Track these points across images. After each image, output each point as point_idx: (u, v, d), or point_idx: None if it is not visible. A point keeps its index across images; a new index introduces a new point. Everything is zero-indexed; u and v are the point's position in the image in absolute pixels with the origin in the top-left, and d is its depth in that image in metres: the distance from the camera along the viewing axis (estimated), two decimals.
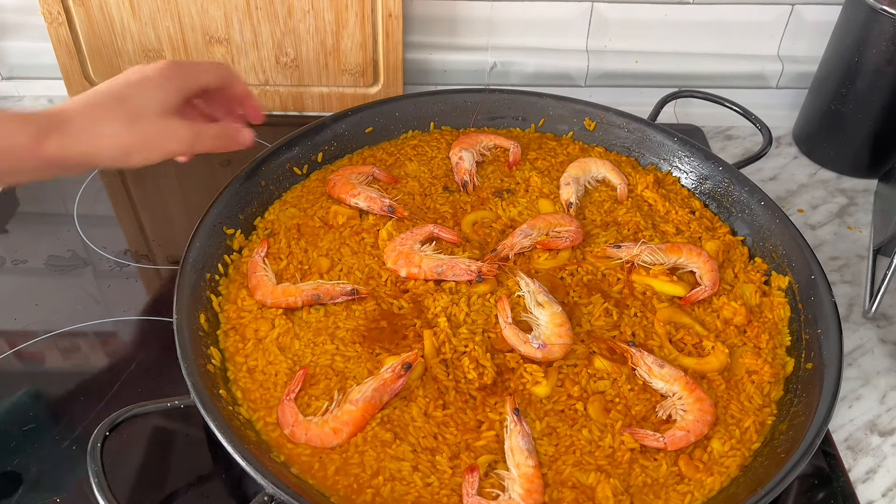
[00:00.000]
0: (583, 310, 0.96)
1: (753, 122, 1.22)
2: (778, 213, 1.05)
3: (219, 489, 0.85)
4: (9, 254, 1.12)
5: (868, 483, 0.90)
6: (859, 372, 1.02)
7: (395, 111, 1.22)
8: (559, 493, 0.79)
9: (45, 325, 1.02)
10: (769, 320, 0.97)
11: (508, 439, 0.82)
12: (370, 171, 1.13)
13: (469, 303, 0.95)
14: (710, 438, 0.85)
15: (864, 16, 1.18)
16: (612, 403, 0.87)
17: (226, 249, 1.01)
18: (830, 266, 1.16)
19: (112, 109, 0.82)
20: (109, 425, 0.78)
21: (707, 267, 1.00)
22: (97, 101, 0.82)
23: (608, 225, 1.09)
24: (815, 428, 0.80)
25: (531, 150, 1.20)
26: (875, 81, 1.21)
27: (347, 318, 0.94)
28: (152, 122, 0.84)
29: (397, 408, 0.85)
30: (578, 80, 1.45)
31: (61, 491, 0.84)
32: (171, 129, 0.86)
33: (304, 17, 1.29)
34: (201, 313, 0.92)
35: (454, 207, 1.10)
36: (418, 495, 0.79)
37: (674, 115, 1.45)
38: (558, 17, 1.41)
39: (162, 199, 1.23)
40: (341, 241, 1.04)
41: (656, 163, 1.19)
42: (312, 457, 0.81)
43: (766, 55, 1.46)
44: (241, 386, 0.88)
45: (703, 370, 0.91)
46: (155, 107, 0.85)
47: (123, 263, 1.11)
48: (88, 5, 1.26)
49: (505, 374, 0.89)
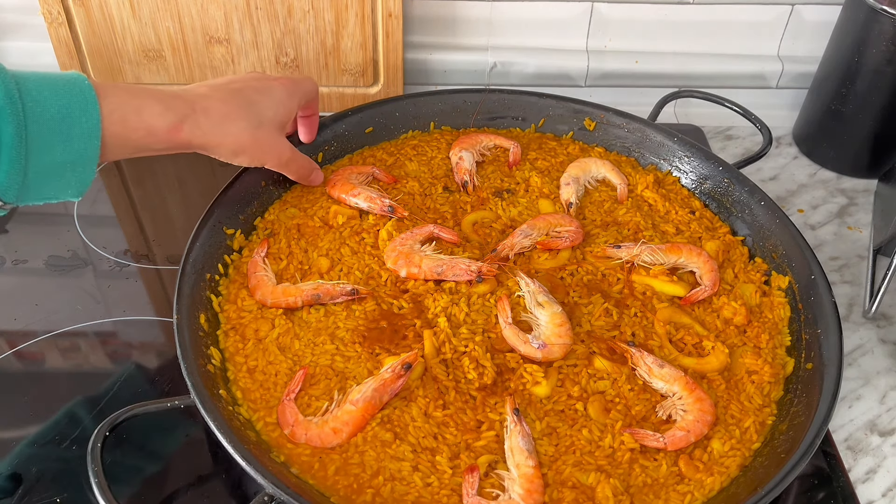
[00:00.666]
0: (583, 310, 0.96)
1: (753, 122, 1.22)
2: (778, 213, 1.05)
3: (219, 489, 0.86)
4: (9, 254, 1.12)
5: (868, 483, 0.90)
6: (859, 372, 1.02)
7: (395, 111, 1.22)
8: (559, 493, 0.79)
9: (45, 325, 1.02)
10: (769, 320, 0.97)
11: (508, 439, 0.82)
12: (370, 171, 1.13)
13: (469, 303, 0.95)
14: (710, 438, 0.85)
15: (864, 16, 1.18)
16: (612, 403, 0.87)
17: (226, 249, 1.01)
18: (830, 266, 1.16)
19: (242, 111, 0.89)
20: (109, 425, 0.78)
21: (707, 267, 1.00)
22: (230, 99, 0.89)
23: (608, 225, 1.09)
24: (815, 428, 0.80)
25: (531, 150, 1.20)
26: (875, 81, 1.21)
27: (347, 318, 0.94)
28: (269, 132, 0.93)
29: (397, 408, 0.85)
30: (578, 80, 1.45)
31: (61, 491, 0.84)
32: (279, 143, 0.96)
33: (304, 17, 1.29)
34: (201, 313, 0.92)
35: (454, 207, 1.10)
36: (418, 495, 0.79)
37: (674, 115, 1.45)
38: (558, 17, 1.41)
39: (162, 199, 1.23)
40: (341, 241, 1.04)
41: (656, 163, 1.19)
42: (312, 457, 0.81)
43: (766, 55, 1.46)
44: (241, 386, 0.88)
45: (703, 370, 0.91)
46: (276, 119, 0.94)
47: (123, 263, 1.11)
48: (88, 5, 1.26)
49: (505, 374, 0.89)
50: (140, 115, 0.80)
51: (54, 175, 0.75)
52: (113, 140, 0.78)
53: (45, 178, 0.75)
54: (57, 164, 0.75)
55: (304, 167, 1.04)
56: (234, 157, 0.92)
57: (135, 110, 0.79)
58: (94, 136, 0.76)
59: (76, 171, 0.76)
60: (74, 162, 0.76)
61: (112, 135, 0.78)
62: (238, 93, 0.91)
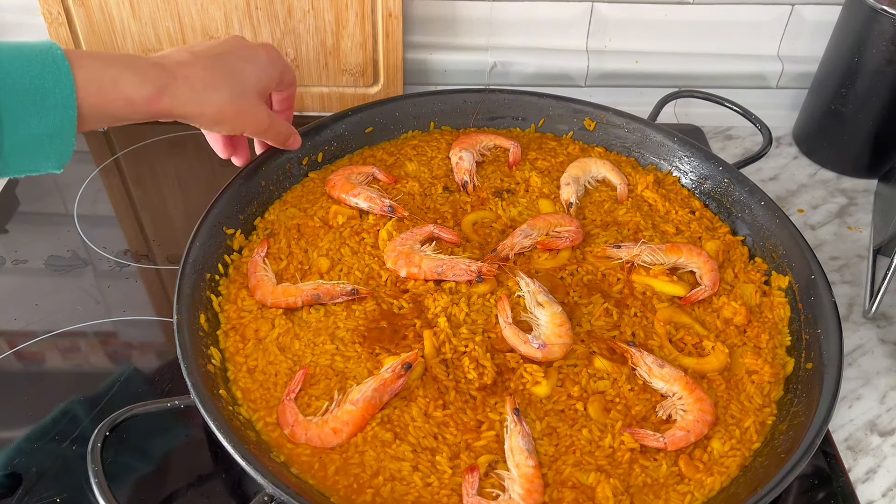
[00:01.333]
0: (583, 310, 0.96)
1: (753, 122, 1.22)
2: (778, 213, 1.05)
3: (219, 489, 0.85)
4: (9, 254, 1.12)
5: (868, 483, 0.90)
6: (859, 372, 1.02)
7: (395, 111, 1.22)
8: (559, 493, 0.79)
9: (45, 325, 1.02)
10: (769, 320, 0.97)
11: (508, 439, 0.82)
12: (370, 171, 1.13)
13: (469, 303, 0.95)
14: (711, 438, 0.85)
15: (864, 16, 1.18)
16: (612, 403, 0.87)
17: (226, 249, 1.01)
18: (830, 266, 1.16)
19: (224, 79, 0.87)
20: (109, 425, 0.78)
21: (707, 267, 1.00)
22: (211, 66, 0.86)
23: (608, 225, 1.09)
24: (815, 428, 0.80)
25: (531, 150, 1.20)
26: (875, 81, 1.21)
27: (347, 318, 0.94)
28: (250, 100, 0.91)
29: (397, 408, 0.85)
30: (578, 80, 1.45)
31: (61, 491, 0.84)
32: (259, 111, 0.93)
33: (304, 17, 1.29)
34: (201, 313, 0.92)
35: (454, 207, 1.10)
36: (418, 495, 0.79)
37: (674, 115, 1.45)
38: (558, 17, 1.41)
39: (162, 199, 1.23)
40: (341, 241, 1.04)
41: (656, 163, 1.19)
42: (312, 457, 0.81)
43: (766, 55, 1.46)
44: (241, 386, 0.88)
45: (703, 370, 0.91)
46: (258, 87, 0.92)
47: (123, 263, 1.11)
48: (88, 5, 1.26)
49: (505, 374, 0.89)
50: (116, 85, 0.78)
51: (32, 147, 0.74)
52: (91, 110, 0.76)
53: (23, 150, 0.73)
54: (34, 136, 0.73)
55: (283, 132, 1.03)
56: (214, 126, 0.91)
57: (111, 80, 0.77)
58: (70, 107, 0.74)
59: (54, 143, 0.75)
60: (52, 134, 0.74)
61: (89, 105, 0.76)
62: (220, 59, 0.88)
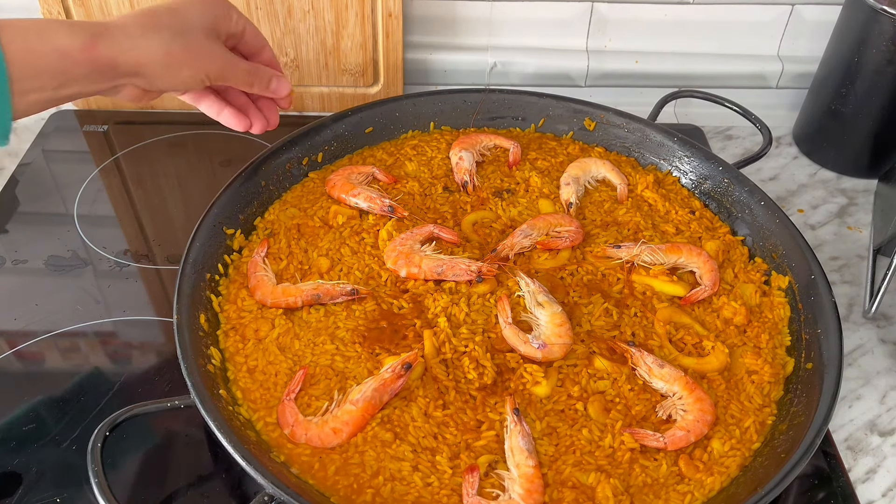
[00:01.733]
0: (583, 310, 0.96)
1: (753, 122, 1.22)
2: (778, 213, 1.05)
3: (219, 489, 0.85)
4: (9, 254, 1.12)
5: (868, 483, 0.90)
6: (859, 372, 1.02)
7: (395, 111, 1.22)
8: (559, 493, 0.79)
9: (45, 325, 1.02)
10: (769, 320, 0.97)
11: (508, 439, 0.82)
12: (370, 171, 1.13)
13: (469, 303, 0.95)
14: (711, 438, 0.85)
15: (864, 16, 1.18)
16: (612, 403, 0.87)
17: (226, 249, 1.01)
18: (830, 266, 1.16)
19: (163, 19, 0.84)
20: (109, 425, 0.78)
21: (707, 267, 1.00)
22: (148, 12, 0.84)
23: (608, 225, 1.09)
24: (815, 428, 0.80)
25: (531, 150, 1.20)
26: (875, 81, 1.21)
27: (347, 318, 0.94)
28: (197, 37, 0.86)
29: (397, 408, 0.85)
30: (578, 80, 1.45)
31: (61, 491, 0.84)
32: (212, 47, 0.88)
33: (304, 17, 1.29)
34: (201, 313, 0.92)
35: (454, 207, 1.10)
36: (418, 495, 0.79)
37: (674, 115, 1.45)
38: (558, 17, 1.41)
39: (162, 199, 1.23)
40: (341, 241, 1.04)
41: (656, 163, 1.19)
42: (312, 457, 0.81)
43: (766, 55, 1.46)
44: (241, 386, 0.88)
45: (703, 370, 0.91)
46: (202, 24, 0.87)
47: (123, 263, 1.11)
48: (88, 5, 1.26)
49: (505, 374, 0.89)
50: (43, 37, 0.75)
51: None
52: (23, 70, 0.73)
53: None
54: None
55: (252, 72, 0.93)
56: (173, 75, 0.84)
57: (37, 34, 0.74)
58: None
59: None
60: None
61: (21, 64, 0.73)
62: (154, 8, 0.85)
